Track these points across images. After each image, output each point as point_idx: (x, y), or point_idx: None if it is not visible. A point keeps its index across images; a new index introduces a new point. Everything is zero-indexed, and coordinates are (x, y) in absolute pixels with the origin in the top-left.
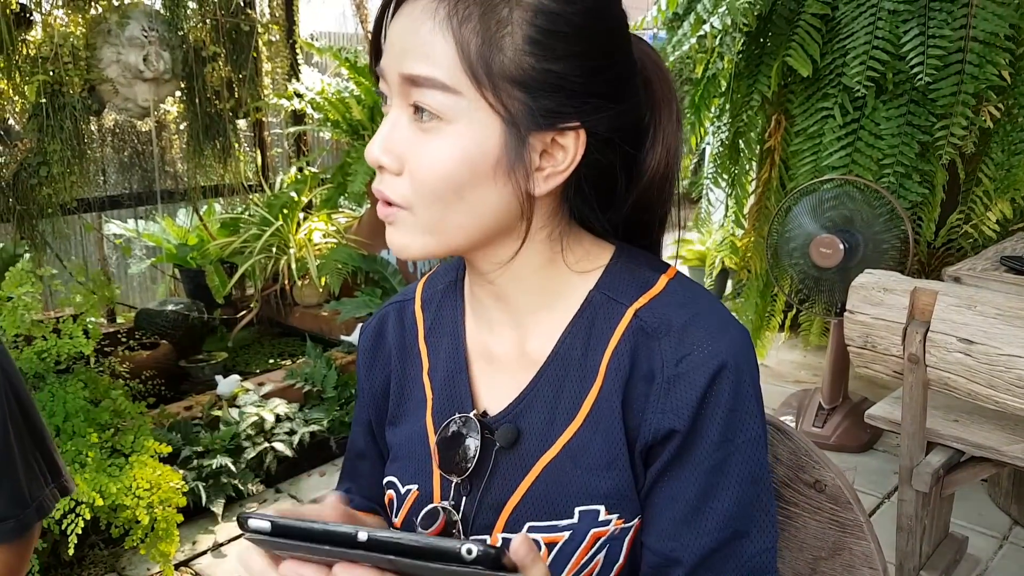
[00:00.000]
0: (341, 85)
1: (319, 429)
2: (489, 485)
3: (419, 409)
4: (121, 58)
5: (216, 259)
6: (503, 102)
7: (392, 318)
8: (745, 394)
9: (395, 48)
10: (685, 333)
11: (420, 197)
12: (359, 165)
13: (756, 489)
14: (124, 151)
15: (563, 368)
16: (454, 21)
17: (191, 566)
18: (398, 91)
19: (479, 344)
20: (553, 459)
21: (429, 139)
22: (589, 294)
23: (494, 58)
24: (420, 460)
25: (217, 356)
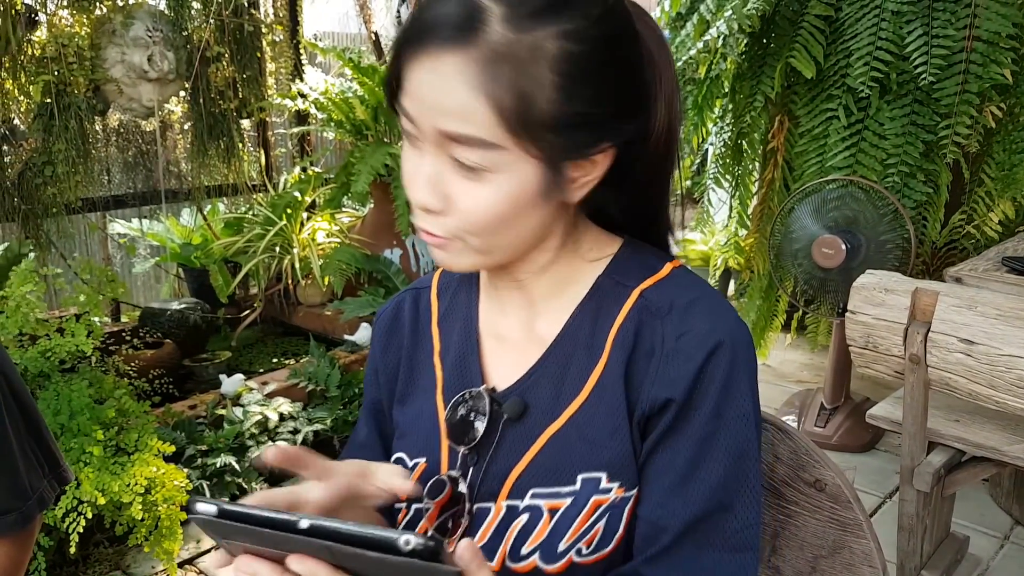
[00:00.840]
0: (344, 85)
1: (323, 428)
2: (495, 455)
3: (428, 390)
4: (125, 58)
5: (220, 258)
6: (541, 148)
7: (408, 304)
8: (739, 372)
9: (426, 101)
10: (687, 312)
11: (469, 232)
12: (363, 165)
13: (743, 465)
14: (128, 151)
15: (571, 346)
16: (488, 84)
17: (195, 564)
18: (434, 140)
19: (490, 326)
20: (558, 431)
21: (473, 184)
22: (598, 279)
23: (530, 113)
24: (428, 434)
25: (221, 355)
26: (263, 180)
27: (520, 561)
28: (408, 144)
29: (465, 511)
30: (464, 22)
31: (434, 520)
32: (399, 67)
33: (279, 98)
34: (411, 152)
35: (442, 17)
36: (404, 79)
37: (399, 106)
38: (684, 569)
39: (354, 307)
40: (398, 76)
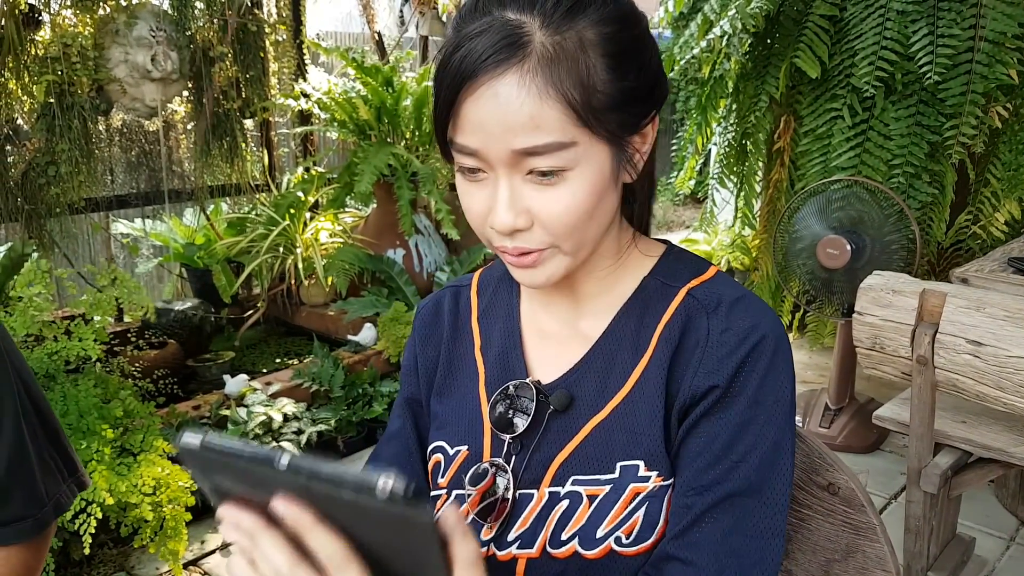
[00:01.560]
0: (347, 85)
1: (326, 429)
2: (540, 444)
3: (471, 382)
4: (129, 58)
5: (223, 259)
6: (607, 129)
7: (448, 299)
8: (780, 363)
9: (492, 128)
10: (732, 309)
11: (561, 236)
12: (366, 165)
13: (777, 453)
14: (132, 151)
15: (616, 343)
16: (552, 86)
17: (200, 565)
18: (506, 163)
19: (532, 322)
20: (602, 421)
21: (555, 190)
22: (644, 280)
23: (594, 99)
24: (471, 422)
25: (224, 355)
26: (266, 180)
27: (560, 547)
28: (467, 181)
29: (508, 497)
30: (509, 43)
31: (476, 505)
32: (451, 109)
33: (282, 98)
34: (473, 187)
35: (484, 47)
36: (460, 117)
37: (457, 146)
38: (710, 550)
39: (357, 307)
40: (451, 118)
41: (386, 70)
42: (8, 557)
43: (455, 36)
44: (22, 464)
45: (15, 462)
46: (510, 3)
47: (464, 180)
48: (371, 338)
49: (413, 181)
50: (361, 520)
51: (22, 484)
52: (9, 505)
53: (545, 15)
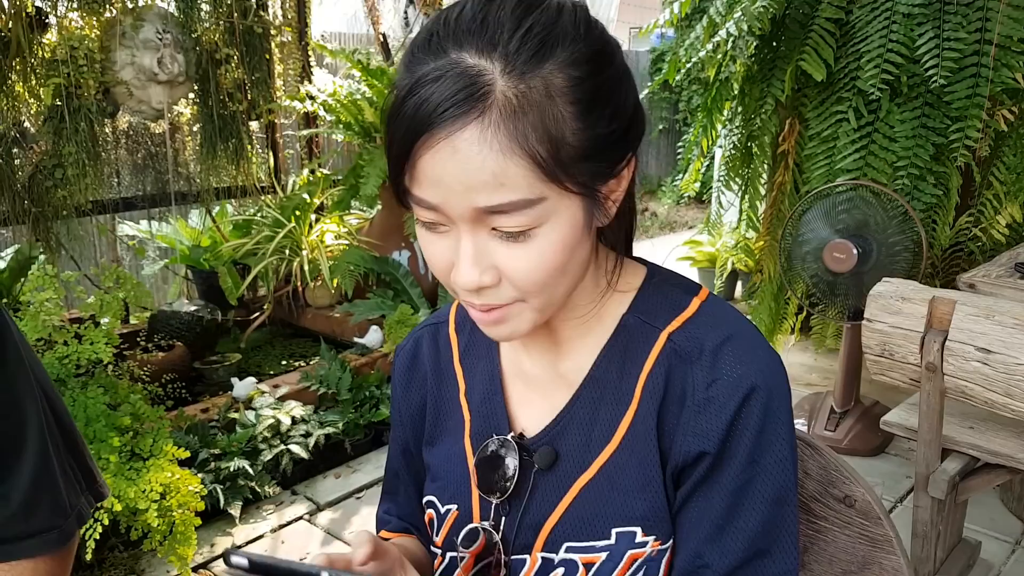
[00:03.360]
0: (353, 87)
1: (334, 431)
2: (528, 506)
3: (457, 430)
4: (135, 60)
5: (229, 260)
6: (578, 181)
7: (427, 341)
8: (774, 416)
9: (452, 185)
10: (716, 357)
11: (529, 292)
12: (371, 168)
13: (782, 510)
14: (138, 153)
15: (598, 390)
16: (516, 141)
17: (209, 568)
18: (469, 219)
19: (513, 365)
20: (590, 481)
21: (523, 247)
22: (623, 317)
23: (563, 152)
24: (459, 480)
25: (231, 357)
26: (272, 182)
27: None
28: (428, 232)
29: (501, 563)
30: (468, 93)
31: (469, 570)
32: (406, 162)
33: (288, 100)
34: (435, 238)
35: (441, 96)
36: (417, 170)
37: (414, 198)
38: None
39: (363, 309)
40: (406, 170)
41: (391, 72)
42: (35, 569)
43: (408, 77)
44: (47, 475)
45: (40, 473)
46: (468, 43)
47: (425, 231)
48: (377, 340)
49: None
50: None
51: (47, 495)
52: (36, 516)
53: (507, 59)
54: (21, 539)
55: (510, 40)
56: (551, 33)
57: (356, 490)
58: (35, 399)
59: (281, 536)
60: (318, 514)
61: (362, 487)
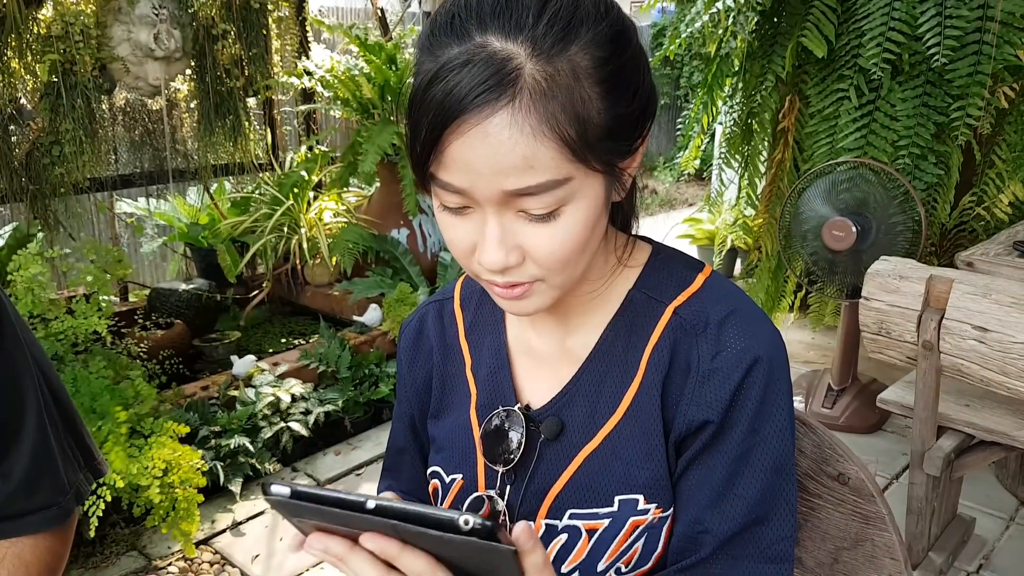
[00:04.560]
0: (351, 63)
1: (334, 409)
2: (533, 475)
3: (463, 403)
4: (132, 36)
5: (227, 238)
6: (603, 160)
7: (432, 316)
8: (775, 387)
9: (481, 169)
10: (721, 329)
11: (552, 270)
12: (370, 145)
13: (779, 478)
14: (135, 130)
15: (605, 363)
16: (546, 123)
17: (211, 544)
18: (496, 202)
19: (521, 340)
20: (594, 450)
21: (548, 226)
22: (629, 293)
23: (589, 132)
24: (464, 451)
25: (230, 335)
26: (269, 159)
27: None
28: (450, 215)
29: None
30: (498, 77)
31: None
32: (434, 148)
33: (285, 76)
34: (458, 220)
35: (471, 83)
36: (445, 156)
37: (440, 183)
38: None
39: (362, 288)
40: (433, 156)
41: (389, 47)
42: (36, 545)
43: (432, 61)
44: (46, 453)
45: (39, 451)
46: (492, 26)
47: (448, 214)
48: (376, 319)
49: None
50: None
51: (47, 473)
52: (36, 494)
53: (534, 42)
54: (22, 516)
55: (536, 23)
56: (575, 14)
57: (356, 467)
58: (33, 377)
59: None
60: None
61: (362, 464)
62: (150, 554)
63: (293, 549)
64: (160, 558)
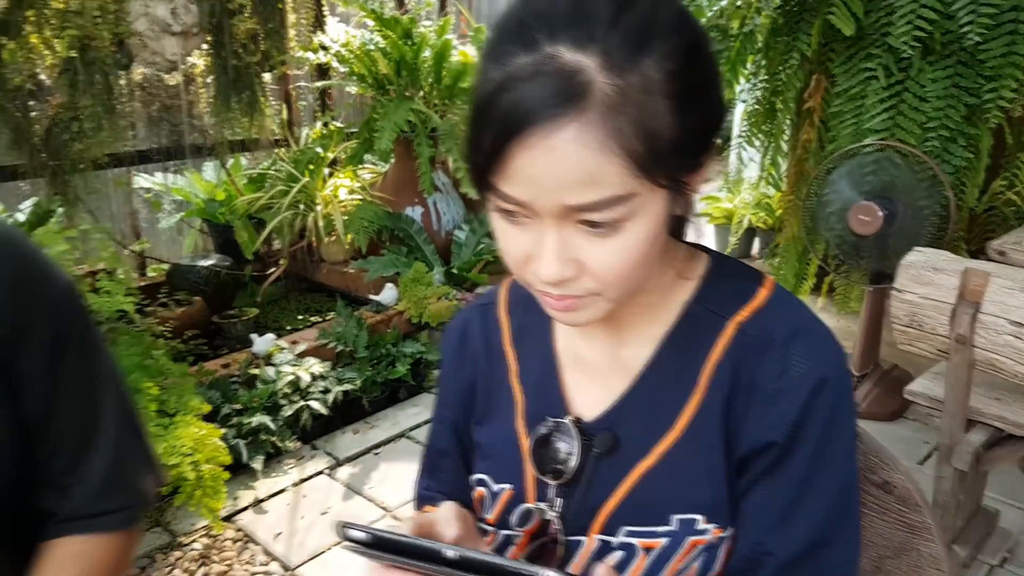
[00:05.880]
0: (366, 37)
1: (352, 388)
2: (584, 488)
3: (508, 411)
4: (149, 11)
5: (244, 214)
6: (669, 175)
7: (476, 321)
8: (841, 408)
9: (544, 182)
10: (788, 348)
11: (610, 285)
12: (386, 122)
13: (845, 501)
14: (152, 105)
15: (661, 377)
16: (614, 138)
17: (234, 521)
18: (557, 215)
19: (570, 349)
20: (651, 468)
21: (608, 241)
22: (688, 305)
23: (657, 147)
24: (511, 460)
25: (248, 312)
26: (285, 135)
27: None
28: (507, 224)
29: (558, 542)
30: (567, 90)
31: (524, 548)
32: (496, 159)
33: (301, 51)
34: (514, 230)
35: (539, 95)
36: (508, 167)
37: (501, 193)
38: None
39: (378, 266)
40: (495, 167)
41: (405, 21)
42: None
43: (498, 70)
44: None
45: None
46: (562, 35)
47: (503, 221)
48: (392, 298)
49: (432, 137)
50: None
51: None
52: (111, 497)
53: (606, 54)
54: (97, 516)
55: (608, 33)
56: (649, 25)
57: (374, 446)
58: (112, 382)
59: (303, 490)
60: (338, 469)
61: (380, 443)
62: (174, 531)
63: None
64: (184, 535)
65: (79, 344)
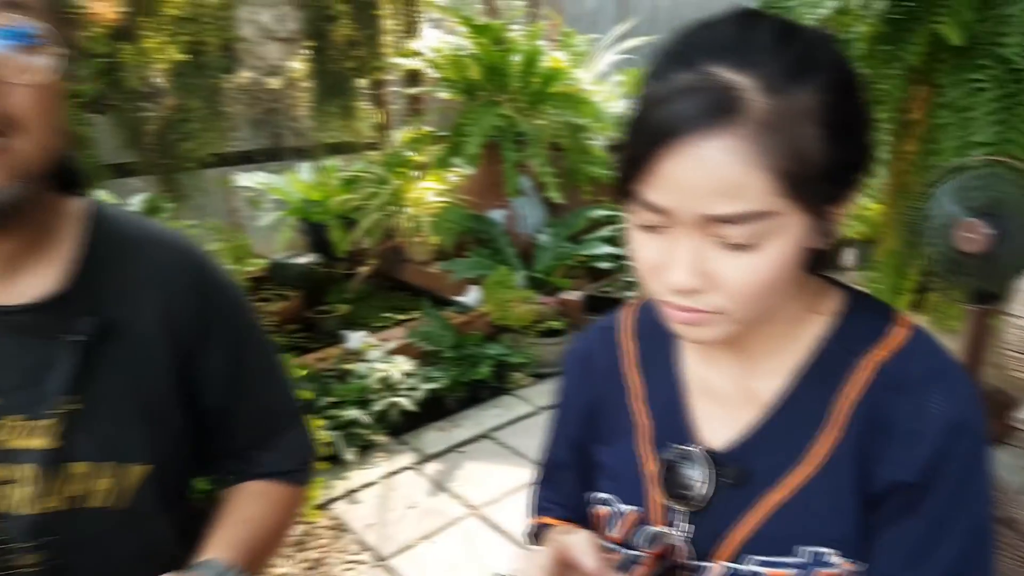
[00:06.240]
0: (458, 43)
1: (438, 388)
2: (711, 515)
3: (631, 433)
4: (255, 18)
5: (337, 214)
6: (814, 201)
7: (598, 344)
8: (978, 451)
9: (688, 190)
10: (925, 389)
11: (737, 303)
12: (475, 127)
13: (978, 545)
14: (255, 108)
15: (794, 411)
16: (763, 155)
17: (328, 509)
18: (695, 224)
19: (698, 377)
20: (783, 501)
21: (742, 258)
22: (823, 341)
23: (804, 171)
24: (636, 482)
25: (339, 308)
26: (377, 138)
27: None
28: (643, 233)
29: (685, 567)
30: (721, 105)
31: (650, 570)
32: (645, 165)
33: (396, 56)
34: (650, 239)
35: (695, 107)
36: (655, 174)
37: (643, 201)
38: None
39: (463, 268)
40: (642, 173)
41: (496, 27)
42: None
43: (657, 86)
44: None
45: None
46: (724, 58)
47: (640, 231)
48: (476, 299)
49: (518, 141)
50: None
51: (300, 441)
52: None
53: (766, 78)
54: (297, 471)
55: (767, 59)
56: (808, 58)
57: (458, 444)
58: (280, 368)
59: (391, 483)
60: (424, 464)
61: (464, 442)
62: None
63: None
64: None
65: (253, 341)
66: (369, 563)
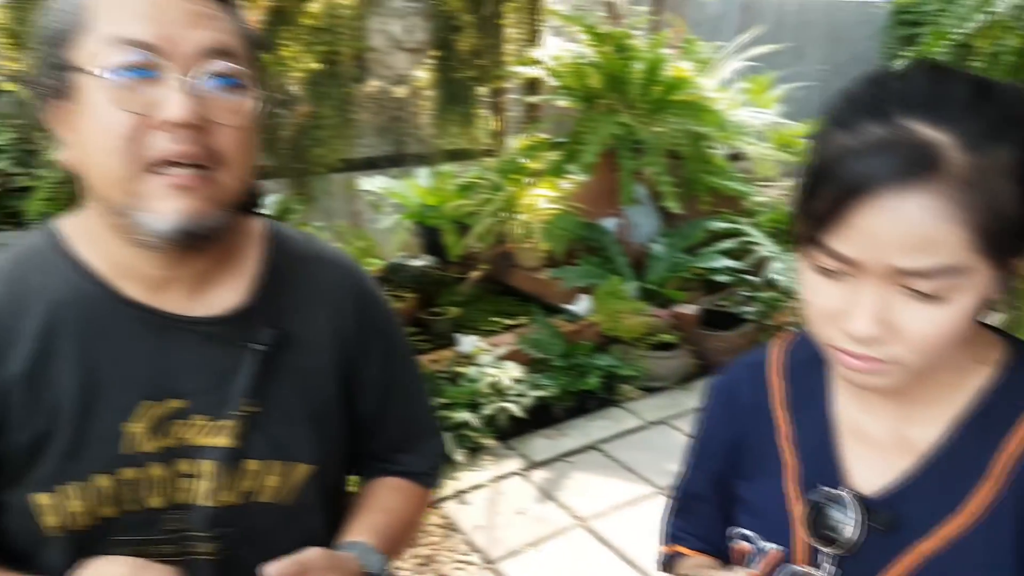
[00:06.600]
0: (580, 51)
1: (546, 395)
2: (861, 561)
3: (776, 472)
4: (385, 28)
5: (452, 219)
6: (1003, 256)
7: (745, 380)
8: None
9: (881, 243)
10: None
11: (917, 353)
12: (593, 136)
13: None
14: (381, 116)
15: (951, 461)
16: (960, 213)
17: (438, 508)
18: (882, 275)
19: (851, 420)
20: (935, 550)
21: (929, 310)
22: (987, 392)
23: (1001, 227)
24: (780, 521)
25: (450, 311)
26: (494, 145)
27: None
28: (823, 278)
29: None
30: (920, 161)
31: None
32: (836, 217)
33: (517, 65)
34: (829, 284)
35: (890, 162)
36: (845, 226)
37: (828, 250)
38: None
39: (573, 276)
40: (832, 225)
41: (618, 34)
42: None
43: (848, 138)
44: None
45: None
46: (920, 113)
47: (819, 276)
48: (586, 308)
49: (635, 149)
50: None
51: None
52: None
53: (965, 135)
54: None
55: (965, 116)
56: (1007, 115)
57: (565, 453)
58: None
59: (499, 487)
60: (531, 471)
61: (571, 451)
62: None
63: None
64: None
65: (402, 352)
66: (479, 565)
